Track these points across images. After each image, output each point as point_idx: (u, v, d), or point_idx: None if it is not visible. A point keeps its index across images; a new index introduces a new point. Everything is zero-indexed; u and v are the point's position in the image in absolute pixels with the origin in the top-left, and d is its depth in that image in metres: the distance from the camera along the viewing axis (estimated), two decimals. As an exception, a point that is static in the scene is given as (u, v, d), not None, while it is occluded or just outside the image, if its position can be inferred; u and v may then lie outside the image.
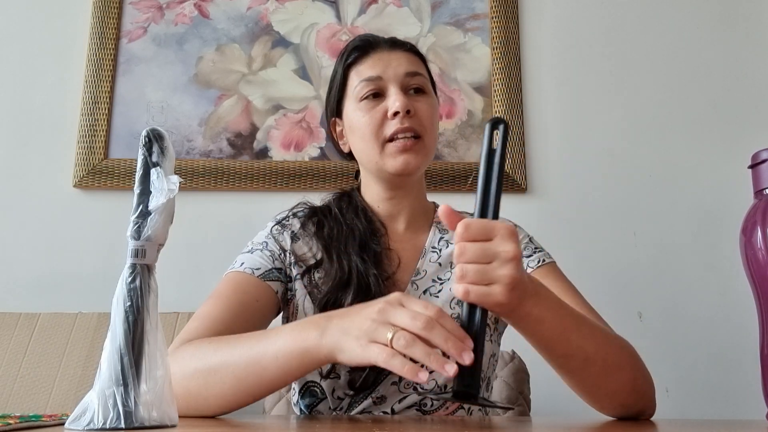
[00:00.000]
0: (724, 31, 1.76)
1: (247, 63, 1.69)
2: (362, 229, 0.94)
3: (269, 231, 0.97)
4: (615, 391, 0.76)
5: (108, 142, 1.62)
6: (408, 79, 0.94)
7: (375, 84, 0.93)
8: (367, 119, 0.92)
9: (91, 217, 1.59)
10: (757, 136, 1.56)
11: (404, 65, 0.94)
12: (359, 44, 0.97)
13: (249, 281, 0.89)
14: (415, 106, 0.92)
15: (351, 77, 0.96)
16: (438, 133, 0.99)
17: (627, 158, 1.67)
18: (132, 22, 1.71)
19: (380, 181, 0.97)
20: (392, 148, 0.91)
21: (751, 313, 1.27)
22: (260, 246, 0.94)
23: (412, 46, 1.00)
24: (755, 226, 1.21)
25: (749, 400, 1.39)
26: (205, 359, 0.72)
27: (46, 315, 1.37)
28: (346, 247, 0.92)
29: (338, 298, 0.88)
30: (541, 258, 0.95)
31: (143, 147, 0.60)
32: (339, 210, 0.98)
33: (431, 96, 0.97)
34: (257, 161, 1.62)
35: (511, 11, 1.74)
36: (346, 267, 0.90)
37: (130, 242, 0.59)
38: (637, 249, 1.62)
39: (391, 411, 0.88)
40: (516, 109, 1.67)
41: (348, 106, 0.96)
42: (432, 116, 0.94)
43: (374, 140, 0.92)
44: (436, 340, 0.59)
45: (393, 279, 0.92)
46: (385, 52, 0.96)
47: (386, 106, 0.92)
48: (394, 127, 0.90)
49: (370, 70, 0.94)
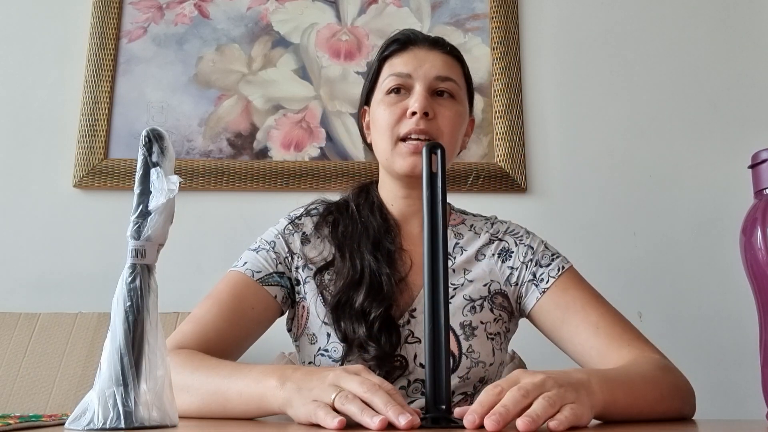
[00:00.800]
0: (724, 31, 1.76)
1: (247, 63, 1.69)
2: (377, 226, 0.93)
3: (281, 230, 0.96)
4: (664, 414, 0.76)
5: (108, 142, 1.62)
6: (437, 82, 0.92)
7: (403, 80, 0.92)
8: (387, 113, 0.91)
9: (91, 217, 1.59)
10: (757, 136, 1.56)
11: (437, 67, 0.93)
12: (399, 38, 0.96)
13: (248, 286, 0.89)
14: (436, 109, 0.91)
15: (384, 69, 0.95)
16: (459, 142, 0.97)
17: (627, 158, 1.67)
18: (132, 22, 1.71)
19: (393, 179, 0.96)
20: (403, 147, 0.90)
21: (751, 313, 1.26)
22: (267, 246, 0.94)
23: (453, 48, 0.98)
24: (755, 226, 1.22)
25: (749, 400, 1.39)
26: (183, 376, 0.74)
27: (46, 315, 1.37)
28: (359, 246, 0.91)
29: (350, 297, 0.87)
30: (560, 265, 0.93)
31: (143, 147, 0.60)
32: (356, 206, 0.97)
33: (459, 104, 0.94)
34: (257, 161, 1.62)
35: (511, 11, 1.74)
36: (359, 266, 0.89)
37: (130, 242, 0.59)
38: (637, 249, 1.62)
39: None
40: (516, 109, 1.67)
41: (375, 97, 0.95)
42: (453, 122, 0.92)
43: (389, 136, 0.91)
44: (376, 402, 0.58)
45: (406, 281, 0.91)
46: (422, 51, 0.94)
47: (407, 104, 0.90)
48: (409, 127, 0.89)
49: (403, 66, 0.93)
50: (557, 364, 0.99)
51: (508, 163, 1.63)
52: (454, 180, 1.61)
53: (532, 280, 0.93)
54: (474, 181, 1.62)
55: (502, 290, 0.94)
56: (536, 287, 0.92)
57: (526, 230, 1.00)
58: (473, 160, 1.64)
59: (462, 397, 0.89)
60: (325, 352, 0.89)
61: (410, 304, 0.90)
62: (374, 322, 0.85)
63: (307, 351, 0.92)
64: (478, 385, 0.90)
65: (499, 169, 1.63)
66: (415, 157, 0.89)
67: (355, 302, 0.86)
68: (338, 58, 1.70)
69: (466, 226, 0.99)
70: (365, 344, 0.84)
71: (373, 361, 0.83)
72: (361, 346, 0.84)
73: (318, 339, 0.90)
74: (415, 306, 0.90)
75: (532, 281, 0.92)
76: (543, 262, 0.93)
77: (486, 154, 1.65)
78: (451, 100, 0.93)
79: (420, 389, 0.88)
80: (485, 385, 0.90)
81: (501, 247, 0.96)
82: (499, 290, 0.94)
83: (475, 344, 0.89)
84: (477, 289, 0.92)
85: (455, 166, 1.62)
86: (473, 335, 0.89)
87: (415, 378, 0.87)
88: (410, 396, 0.88)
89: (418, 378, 0.87)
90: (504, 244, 0.96)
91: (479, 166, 1.63)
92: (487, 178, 1.62)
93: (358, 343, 0.85)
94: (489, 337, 0.91)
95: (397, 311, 0.89)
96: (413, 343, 0.88)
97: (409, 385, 0.88)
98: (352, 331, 0.85)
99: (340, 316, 0.87)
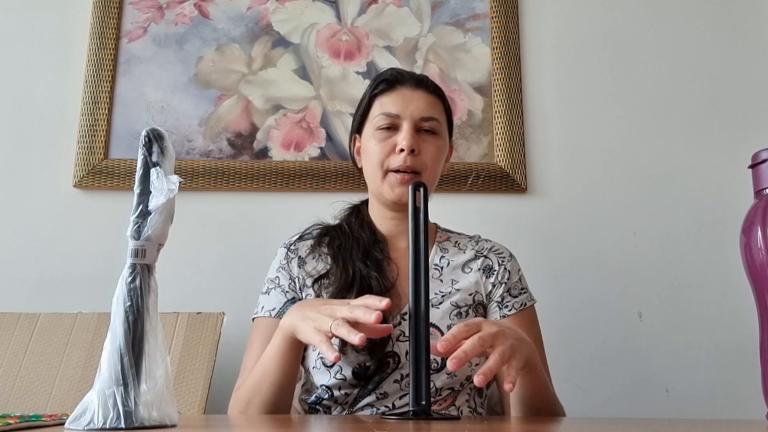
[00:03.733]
0: (724, 32, 1.76)
1: (247, 63, 1.69)
2: (366, 239, 1.05)
3: (280, 263, 1.07)
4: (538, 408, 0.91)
5: (108, 142, 1.62)
6: (422, 122, 1.03)
7: (392, 120, 1.03)
8: (377, 148, 1.03)
9: (91, 217, 1.59)
10: (757, 136, 1.56)
11: (422, 108, 1.04)
12: (387, 77, 1.07)
13: (272, 324, 0.99)
14: (421, 145, 1.02)
15: (374, 106, 1.06)
16: (440, 172, 1.08)
17: (627, 158, 1.67)
18: (132, 22, 1.71)
19: (382, 204, 1.07)
20: (392, 178, 1.02)
21: (751, 312, 1.26)
22: (273, 284, 1.05)
23: (436, 88, 1.09)
24: (755, 226, 1.22)
25: (749, 400, 1.39)
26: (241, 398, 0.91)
27: (46, 315, 1.37)
28: (351, 255, 1.02)
29: (343, 298, 0.96)
30: (524, 301, 1.06)
31: (143, 147, 0.60)
32: (348, 225, 1.08)
33: (441, 138, 1.06)
34: (257, 161, 1.62)
35: (511, 11, 1.74)
36: (351, 271, 1.00)
37: (129, 242, 0.59)
38: (637, 249, 1.62)
39: (392, 406, 0.95)
40: (516, 109, 1.67)
41: (367, 129, 1.06)
42: (435, 157, 1.04)
43: (379, 168, 1.02)
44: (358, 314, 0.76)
45: (395, 289, 1.00)
46: (408, 90, 1.05)
47: (396, 140, 1.02)
48: (397, 162, 1.01)
49: (392, 106, 1.04)
50: (559, 365, 0.99)
51: (508, 163, 1.63)
52: (454, 180, 1.61)
53: (499, 302, 1.05)
54: (474, 181, 1.62)
55: (484, 303, 1.06)
56: (499, 310, 1.04)
57: (510, 253, 1.11)
58: (473, 160, 1.64)
59: (449, 392, 0.97)
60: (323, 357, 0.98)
61: (401, 308, 0.99)
62: None
63: (311, 357, 1.00)
64: (464, 382, 0.98)
65: (499, 169, 1.63)
66: (402, 188, 1.01)
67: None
68: (338, 58, 1.70)
69: (451, 243, 1.11)
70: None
71: (365, 352, 0.93)
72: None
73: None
74: (406, 310, 0.97)
75: (499, 303, 1.05)
76: (513, 293, 1.06)
77: (486, 154, 1.65)
78: (433, 137, 1.05)
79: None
80: (470, 383, 0.99)
81: (486, 264, 1.08)
82: (482, 302, 1.05)
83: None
84: (463, 297, 1.03)
85: (455, 166, 1.62)
86: None
87: (408, 372, 0.93)
88: (403, 389, 0.95)
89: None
90: (488, 262, 1.08)
91: (479, 166, 1.63)
92: (487, 178, 1.62)
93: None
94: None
95: (387, 313, 0.95)
96: (405, 341, 0.96)
97: (402, 379, 0.95)
98: None
99: None
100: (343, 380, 0.95)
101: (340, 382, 0.95)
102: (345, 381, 0.95)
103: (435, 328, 0.98)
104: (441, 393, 0.96)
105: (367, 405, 0.95)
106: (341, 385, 0.95)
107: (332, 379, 0.95)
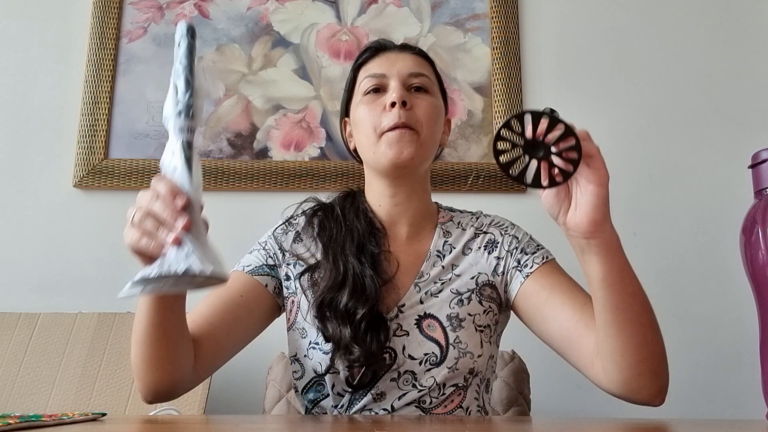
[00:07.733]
0: (724, 32, 1.76)
1: (247, 63, 1.69)
2: (361, 230, 0.96)
3: (272, 232, 1.02)
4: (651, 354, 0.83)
5: (108, 142, 1.62)
6: (410, 78, 0.97)
7: (379, 80, 0.97)
8: (367, 111, 0.95)
9: (91, 217, 1.59)
10: (757, 136, 1.56)
11: (409, 65, 0.98)
12: (371, 46, 1.03)
13: (238, 278, 0.95)
14: (413, 101, 0.94)
15: (360, 75, 1.00)
16: (439, 136, 1.00)
17: (627, 158, 1.67)
18: (132, 22, 1.71)
19: (381, 176, 0.98)
20: (387, 138, 0.93)
21: (751, 313, 1.27)
22: (259, 246, 1.01)
23: (421, 51, 1.04)
24: (755, 226, 1.22)
25: (749, 400, 1.39)
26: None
27: (46, 315, 1.37)
28: (343, 249, 0.94)
29: (333, 297, 0.89)
30: (545, 255, 0.96)
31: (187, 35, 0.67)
32: (341, 210, 1.00)
33: (434, 96, 0.99)
34: (257, 161, 1.62)
35: (511, 11, 1.74)
36: (342, 268, 0.92)
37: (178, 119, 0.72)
38: (637, 249, 1.61)
39: (391, 408, 0.88)
40: (516, 109, 1.67)
41: (354, 101, 1.00)
42: (430, 114, 0.95)
43: (372, 131, 0.94)
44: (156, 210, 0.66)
45: (393, 282, 0.93)
46: (393, 53, 1.00)
47: (385, 99, 0.95)
48: (390, 119, 0.92)
49: (377, 68, 0.98)
50: (559, 364, 0.99)
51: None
52: (454, 180, 1.61)
53: (516, 266, 0.95)
54: (474, 181, 1.62)
55: (490, 281, 0.96)
56: (520, 273, 0.94)
57: (511, 222, 1.03)
58: (473, 160, 1.64)
59: (454, 389, 0.89)
60: (316, 345, 0.90)
61: (398, 302, 0.92)
62: (361, 322, 0.86)
63: (298, 344, 0.94)
64: (468, 377, 0.90)
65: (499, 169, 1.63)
66: (399, 145, 0.92)
67: (339, 303, 0.88)
68: (338, 58, 1.70)
69: (454, 224, 1.02)
70: (350, 346, 0.85)
71: (359, 360, 0.85)
72: (346, 348, 0.86)
73: (308, 333, 0.92)
74: (404, 302, 0.92)
75: (516, 267, 0.95)
76: (528, 250, 0.96)
77: (486, 154, 1.65)
78: (425, 94, 0.97)
79: (410, 381, 0.88)
80: (476, 378, 0.91)
81: (487, 239, 0.99)
82: (487, 281, 0.96)
83: (462, 335, 0.90)
84: (464, 282, 0.95)
85: (455, 166, 1.62)
86: (460, 326, 0.90)
87: (405, 370, 0.88)
88: (401, 388, 0.88)
89: (407, 370, 0.88)
90: (490, 236, 0.99)
91: (479, 166, 1.63)
92: (487, 178, 1.62)
93: (343, 344, 0.86)
94: (477, 329, 0.92)
95: (383, 309, 0.90)
96: (402, 336, 0.89)
97: (399, 377, 0.88)
98: (338, 332, 0.87)
99: (324, 317, 0.89)
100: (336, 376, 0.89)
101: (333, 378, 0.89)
102: (339, 380, 0.89)
103: (434, 319, 0.90)
104: (445, 391, 0.88)
105: (365, 407, 0.89)
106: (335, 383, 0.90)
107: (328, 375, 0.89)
